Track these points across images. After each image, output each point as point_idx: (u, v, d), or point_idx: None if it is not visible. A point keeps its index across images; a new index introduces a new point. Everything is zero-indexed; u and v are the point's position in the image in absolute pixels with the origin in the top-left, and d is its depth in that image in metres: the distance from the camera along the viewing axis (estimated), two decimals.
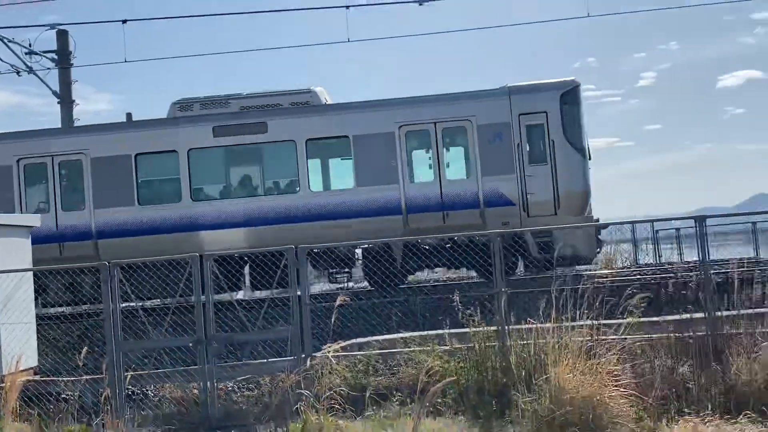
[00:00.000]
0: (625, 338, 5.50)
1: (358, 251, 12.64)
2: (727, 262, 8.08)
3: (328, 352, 5.59)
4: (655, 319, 5.88)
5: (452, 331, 6.02)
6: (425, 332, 6.57)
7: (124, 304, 6.65)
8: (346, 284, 11.82)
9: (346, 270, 12.79)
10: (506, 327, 5.76)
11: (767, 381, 5.27)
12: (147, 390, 6.20)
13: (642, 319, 5.60)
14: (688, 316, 5.65)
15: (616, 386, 5.32)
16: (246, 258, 11.32)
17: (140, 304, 10.48)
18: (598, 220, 12.69)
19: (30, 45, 16.99)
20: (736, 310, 5.61)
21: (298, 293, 5.78)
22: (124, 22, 15.18)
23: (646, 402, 5.34)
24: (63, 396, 6.19)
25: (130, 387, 6.05)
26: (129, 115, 13.90)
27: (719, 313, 5.65)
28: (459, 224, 11.50)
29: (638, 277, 10.28)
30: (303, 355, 5.73)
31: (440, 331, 6.25)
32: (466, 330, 5.92)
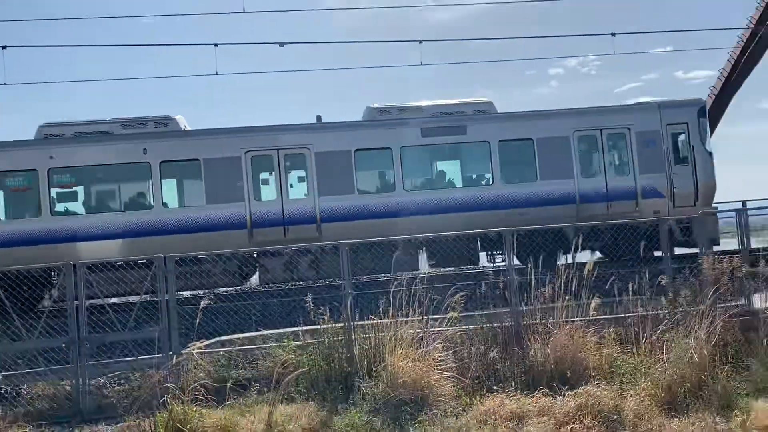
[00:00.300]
0: (448, 330, 6.53)
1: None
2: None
3: (193, 349, 6.18)
4: (471, 313, 6.98)
5: (305, 328, 6.76)
6: (282, 330, 7.28)
7: None
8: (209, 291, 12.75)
9: (500, 252, 14.41)
10: (351, 323, 6.60)
11: (557, 362, 6.47)
12: (20, 389, 6.47)
13: (461, 314, 6.67)
14: (496, 310, 6.82)
15: (440, 370, 6.30)
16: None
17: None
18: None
19: None
20: (533, 305, 6.82)
21: (167, 297, 6.33)
22: (4, 47, 15.13)
23: (463, 382, 6.36)
24: None
25: (2, 386, 6.32)
26: (319, 118, 15.03)
27: (521, 308, 6.86)
28: (619, 212, 14.19)
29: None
30: (170, 353, 6.29)
31: (295, 329, 6.98)
32: (318, 327, 6.71)
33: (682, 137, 15.29)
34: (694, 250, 9.45)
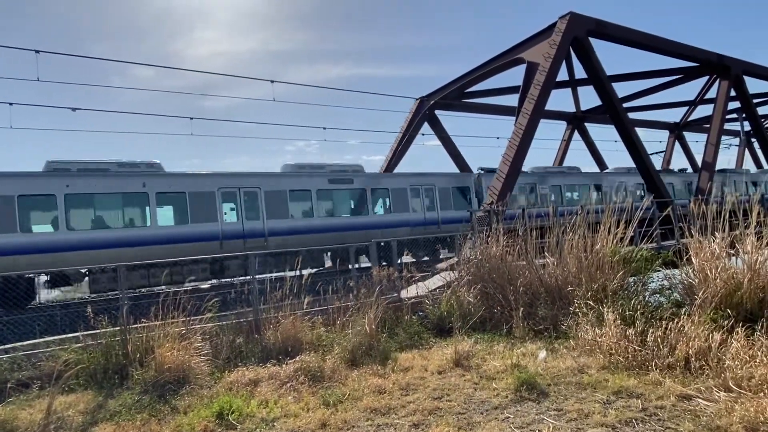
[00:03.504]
0: (206, 325, 8.26)
1: None
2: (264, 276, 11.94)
3: None
4: (224, 313, 8.86)
5: (86, 333, 7.62)
6: (64, 336, 7.95)
7: None
8: None
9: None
10: (127, 326, 7.77)
11: (283, 341, 8.70)
12: None
13: (218, 314, 8.50)
14: (243, 309, 8.87)
15: (199, 355, 7.89)
16: None
17: None
18: None
19: None
20: (268, 304, 9.04)
21: None
22: None
23: (217, 362, 8.00)
24: None
25: None
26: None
27: (260, 306, 9.04)
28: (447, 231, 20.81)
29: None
30: None
31: (76, 334, 7.78)
32: (97, 331, 7.67)
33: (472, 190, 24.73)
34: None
